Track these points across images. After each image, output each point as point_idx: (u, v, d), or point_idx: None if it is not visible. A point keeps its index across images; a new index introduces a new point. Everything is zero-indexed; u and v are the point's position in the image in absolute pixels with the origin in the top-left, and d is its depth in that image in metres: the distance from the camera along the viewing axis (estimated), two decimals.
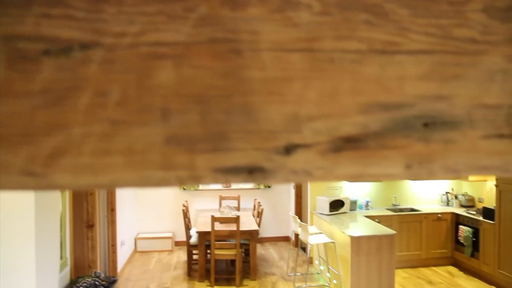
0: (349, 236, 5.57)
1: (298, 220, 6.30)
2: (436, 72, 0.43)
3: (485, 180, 7.28)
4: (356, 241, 5.56)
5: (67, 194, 4.20)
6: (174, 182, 0.40)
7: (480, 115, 0.44)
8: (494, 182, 6.30)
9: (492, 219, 6.37)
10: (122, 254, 7.05)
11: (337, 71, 0.41)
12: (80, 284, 3.62)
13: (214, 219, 6.16)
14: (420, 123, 0.42)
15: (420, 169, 0.43)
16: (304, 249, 8.10)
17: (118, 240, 6.61)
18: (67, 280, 3.86)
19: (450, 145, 0.43)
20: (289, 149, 0.40)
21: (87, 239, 5.11)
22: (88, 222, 5.13)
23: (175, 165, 0.40)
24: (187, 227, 7.02)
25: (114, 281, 4.04)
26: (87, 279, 3.68)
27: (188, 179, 0.40)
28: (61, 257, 3.65)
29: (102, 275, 4.20)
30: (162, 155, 0.40)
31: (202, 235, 6.43)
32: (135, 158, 0.39)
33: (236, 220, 6.18)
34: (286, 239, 9.02)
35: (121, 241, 6.91)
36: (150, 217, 8.66)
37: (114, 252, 6.40)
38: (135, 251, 8.24)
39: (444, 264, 7.37)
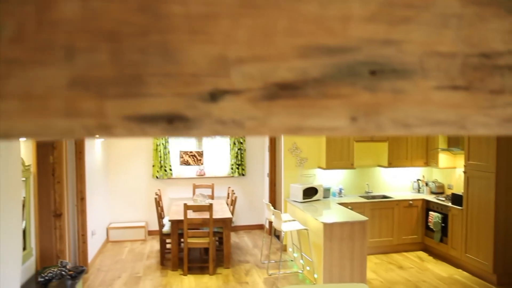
0: (322, 222, 5.60)
1: (272, 208, 6.29)
2: (385, 13, 0.38)
3: (454, 168, 7.43)
4: (328, 227, 5.59)
5: (31, 181, 4.05)
6: (80, 132, 0.34)
7: (433, 64, 0.39)
8: (463, 169, 6.43)
9: (460, 205, 6.52)
10: (93, 244, 6.91)
11: (272, 8, 0.36)
12: (45, 274, 3.51)
13: (186, 207, 6.09)
14: (366, 70, 0.38)
15: (367, 122, 0.39)
16: (278, 237, 8.13)
17: (88, 229, 6.48)
18: (32, 271, 3.74)
19: (400, 95, 0.39)
20: (215, 96, 0.35)
21: (55, 228, 4.97)
22: (55, 211, 4.98)
23: (81, 112, 0.34)
24: (160, 216, 6.93)
25: (82, 271, 3.94)
26: (53, 269, 3.58)
27: (96, 128, 0.34)
28: (24, 248, 3.53)
29: (69, 265, 4.09)
30: (66, 101, 0.34)
31: (175, 223, 6.36)
32: (33, 104, 0.34)
33: (209, 208, 6.13)
34: (260, 227, 9.02)
35: (91, 230, 6.77)
36: (122, 206, 8.51)
37: (84, 242, 6.26)
38: (107, 241, 8.10)
39: (415, 250, 7.52)
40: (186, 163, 7.07)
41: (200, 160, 7.23)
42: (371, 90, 0.38)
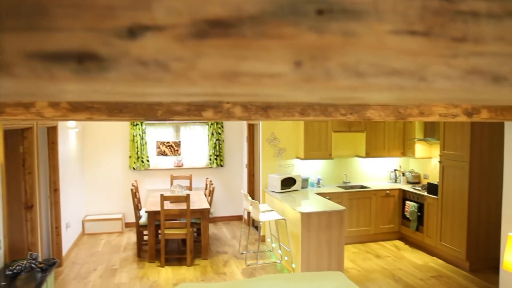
0: (300, 212, 5.60)
1: (249, 198, 6.26)
2: None
3: (430, 158, 7.53)
4: (306, 217, 5.60)
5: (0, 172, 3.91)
6: None
7: (389, 6, 0.35)
8: (438, 159, 6.51)
9: (436, 194, 6.61)
10: (68, 237, 6.77)
11: None
12: (14, 267, 3.40)
13: (163, 198, 6.01)
14: (312, 9, 0.33)
15: (314, 68, 0.34)
16: (257, 227, 8.12)
17: (62, 222, 6.33)
18: (0, 264, 3.62)
19: (351, 39, 0.34)
20: (134, 32, 0.30)
21: (26, 221, 4.83)
22: (26, 203, 4.84)
23: None
24: (137, 208, 6.83)
25: (53, 263, 3.83)
26: (22, 262, 3.47)
27: None
28: None
29: (40, 257, 3.98)
30: None
31: (151, 214, 6.28)
32: None
33: (186, 198, 6.06)
34: (239, 218, 9.00)
35: (66, 223, 6.62)
36: (99, 198, 8.37)
37: (58, 234, 6.12)
38: (83, 233, 7.96)
39: (392, 239, 7.62)
40: (163, 154, 6.96)
41: (178, 150, 7.13)
42: (318, 31, 0.33)
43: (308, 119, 3.07)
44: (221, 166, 8.84)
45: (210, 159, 8.77)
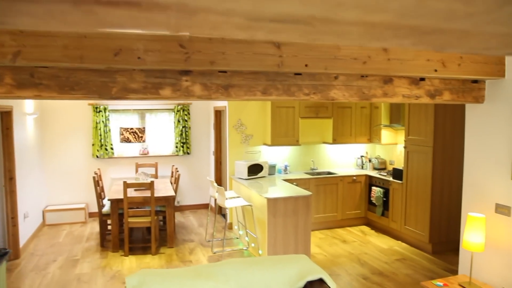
0: (266, 198, 5.54)
1: (215, 184, 6.16)
2: None
3: (396, 144, 7.61)
4: (272, 202, 5.55)
5: None
6: None
7: None
8: (403, 145, 6.57)
9: (401, 179, 6.70)
10: (26, 228, 6.50)
11: None
12: None
13: (126, 185, 5.83)
14: None
15: None
16: (224, 215, 8.04)
17: (19, 212, 6.07)
18: None
19: None
20: None
21: None
22: None
23: None
24: (100, 196, 6.62)
25: (5, 253, 3.64)
26: None
27: None
28: None
29: None
30: None
31: (114, 203, 6.09)
32: None
33: (150, 185, 5.90)
34: (206, 206, 8.89)
35: (24, 213, 6.35)
36: (60, 188, 8.08)
37: (14, 225, 5.86)
38: (43, 224, 7.67)
39: (358, 224, 7.69)
40: (127, 140, 6.73)
41: (142, 137, 6.92)
42: None
43: (270, 99, 2.98)
44: (188, 153, 8.69)
45: (177, 147, 8.60)
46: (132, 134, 6.79)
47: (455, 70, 3.40)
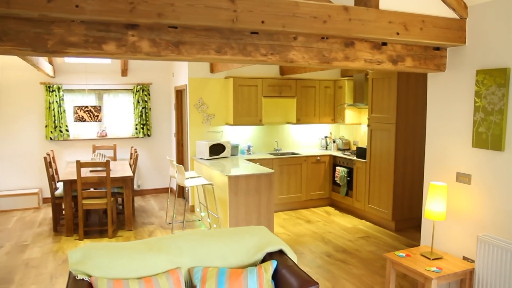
0: (227, 176, 5.36)
1: (174, 163, 5.92)
2: None
3: (360, 124, 7.57)
4: (233, 180, 5.37)
5: None
6: None
7: None
8: (367, 123, 6.52)
9: (364, 158, 6.65)
10: None
11: None
12: None
13: (80, 165, 5.51)
14: None
15: None
16: (186, 199, 7.82)
17: None
18: None
19: None
20: None
21: None
22: None
23: None
24: (52, 179, 6.25)
25: None
26: None
27: None
28: None
29: None
30: None
31: (68, 184, 5.76)
32: None
33: (106, 164, 5.60)
34: (168, 190, 8.63)
35: None
36: (11, 172, 7.62)
37: None
38: None
39: (322, 205, 7.64)
40: (81, 119, 6.36)
41: (98, 116, 6.55)
42: None
43: (224, 59, 2.74)
44: (148, 135, 8.37)
45: (136, 129, 8.27)
46: (87, 113, 6.41)
47: (417, 34, 3.30)
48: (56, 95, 7.55)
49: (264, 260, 3.01)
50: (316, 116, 7.70)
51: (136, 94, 8.18)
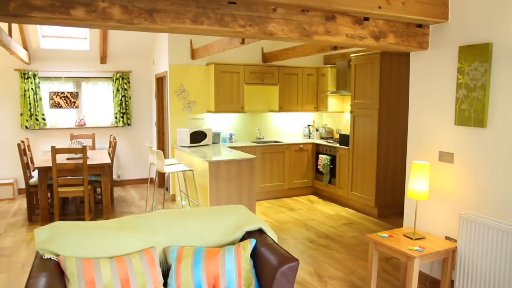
0: (207, 161, 5.24)
1: (154, 149, 5.77)
2: None
3: (342, 112, 7.52)
4: (214, 166, 5.25)
5: None
6: None
7: None
8: (350, 110, 6.45)
9: (347, 145, 6.60)
10: None
11: None
12: None
13: (55, 151, 5.32)
14: None
15: None
16: (167, 189, 7.68)
17: None
18: None
19: None
20: None
21: None
22: None
23: None
24: (27, 167, 6.05)
25: None
26: None
27: None
28: None
29: None
30: None
31: (43, 171, 5.56)
32: None
33: (83, 150, 5.42)
34: (149, 180, 8.46)
35: None
36: None
37: None
38: None
39: (305, 194, 7.57)
40: (57, 106, 6.13)
41: (75, 102, 6.34)
42: None
43: (200, 29, 2.60)
44: (129, 124, 8.19)
45: (116, 117, 8.08)
46: (63, 99, 6.18)
47: (400, 9, 3.23)
48: (31, 82, 7.32)
49: (243, 239, 2.91)
50: (299, 104, 7.62)
51: (115, 82, 7.98)
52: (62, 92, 6.26)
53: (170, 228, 2.81)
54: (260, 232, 2.93)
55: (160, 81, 7.73)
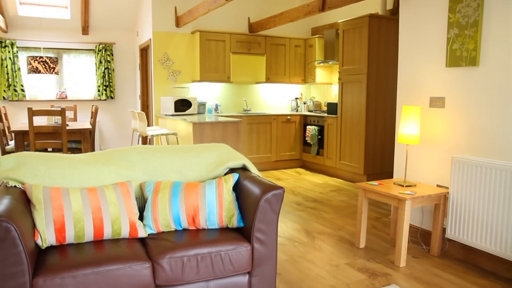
0: (191, 123, 5.06)
1: (136, 111, 5.57)
2: None
3: (330, 84, 7.39)
4: (198, 128, 5.08)
5: None
6: None
7: None
8: (338, 82, 6.32)
9: (336, 113, 6.47)
10: None
11: None
12: None
13: (32, 112, 5.09)
14: None
15: None
16: None
17: None
18: None
19: None
20: None
21: None
22: None
23: None
24: (3, 134, 5.80)
25: None
26: None
27: None
28: None
29: None
30: None
31: (19, 135, 5.34)
32: None
33: (61, 112, 5.20)
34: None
35: None
36: None
37: None
38: None
39: (293, 167, 7.44)
40: (36, 71, 5.89)
41: (54, 68, 6.10)
42: None
43: None
44: (112, 98, 7.97)
45: (99, 90, 7.85)
46: (42, 64, 5.94)
47: None
48: (9, 51, 7.05)
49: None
50: (286, 76, 7.47)
51: (98, 54, 7.75)
52: (41, 57, 6.01)
53: (147, 162, 2.64)
54: (243, 170, 2.77)
55: (144, 52, 7.51)
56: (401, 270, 3.08)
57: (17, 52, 7.14)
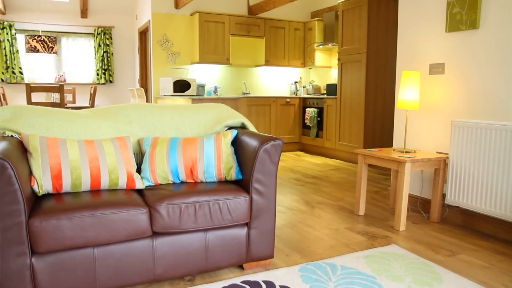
0: (190, 98, 5.04)
1: (134, 88, 5.55)
2: None
3: (330, 67, 7.37)
4: (197, 103, 5.06)
5: None
6: None
7: None
8: (338, 65, 6.30)
9: (335, 94, 6.45)
10: None
11: None
12: None
13: (30, 88, 5.08)
14: None
15: None
16: None
17: None
18: None
19: None
20: None
21: None
22: None
23: None
24: None
25: None
26: None
27: None
28: None
29: None
30: None
31: None
32: None
33: (60, 89, 5.18)
34: None
35: None
36: None
37: None
38: None
39: (293, 150, 7.42)
40: (34, 50, 5.86)
41: (53, 48, 6.06)
42: None
43: None
44: (111, 82, 7.94)
45: (98, 74, 7.82)
46: (40, 43, 5.90)
47: None
48: (7, 33, 7.02)
49: None
50: (285, 59, 7.44)
51: (97, 37, 7.72)
52: (39, 36, 5.98)
53: (145, 119, 2.62)
54: (242, 129, 2.75)
55: (143, 35, 7.49)
56: (401, 233, 3.07)
57: (15, 34, 7.11)
